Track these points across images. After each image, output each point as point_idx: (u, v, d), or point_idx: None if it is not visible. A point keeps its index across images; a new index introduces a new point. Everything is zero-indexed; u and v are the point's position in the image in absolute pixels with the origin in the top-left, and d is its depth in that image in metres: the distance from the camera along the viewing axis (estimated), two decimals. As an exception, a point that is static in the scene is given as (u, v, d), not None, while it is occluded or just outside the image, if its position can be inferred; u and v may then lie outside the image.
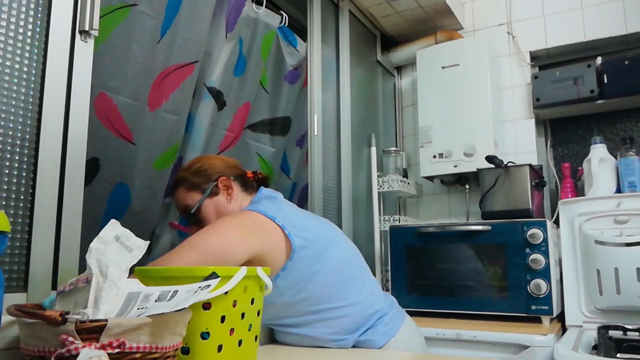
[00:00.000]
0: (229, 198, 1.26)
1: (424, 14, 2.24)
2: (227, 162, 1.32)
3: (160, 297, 0.69)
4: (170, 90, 1.63)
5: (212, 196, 1.25)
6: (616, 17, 2.06)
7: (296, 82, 2.18)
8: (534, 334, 1.51)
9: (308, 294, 1.15)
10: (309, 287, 1.15)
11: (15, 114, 0.91)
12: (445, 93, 2.14)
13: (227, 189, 1.26)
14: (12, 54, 0.91)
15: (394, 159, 2.25)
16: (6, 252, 0.87)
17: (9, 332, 0.80)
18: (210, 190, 1.25)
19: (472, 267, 1.76)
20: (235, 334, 0.88)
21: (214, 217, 1.24)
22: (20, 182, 0.91)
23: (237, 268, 0.87)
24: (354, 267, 1.27)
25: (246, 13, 1.83)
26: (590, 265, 1.69)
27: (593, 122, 2.16)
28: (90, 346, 0.61)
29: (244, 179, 1.30)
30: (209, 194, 1.25)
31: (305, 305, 1.17)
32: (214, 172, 1.27)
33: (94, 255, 0.71)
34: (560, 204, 1.82)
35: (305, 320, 1.19)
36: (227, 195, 1.26)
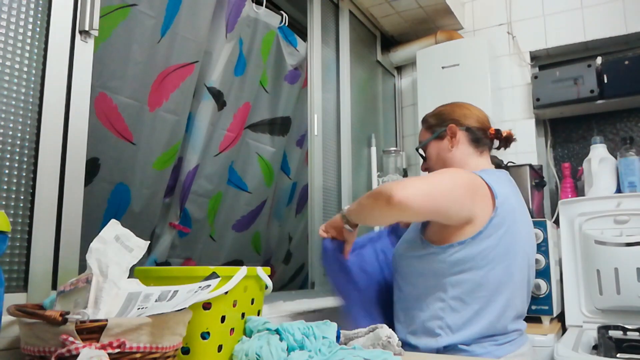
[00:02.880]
0: (451, 145, 1.27)
1: (424, 14, 2.24)
2: (471, 112, 1.30)
3: (161, 297, 0.69)
4: (170, 90, 1.63)
5: (438, 139, 1.29)
6: (616, 17, 2.06)
7: (296, 82, 2.18)
8: (534, 334, 1.51)
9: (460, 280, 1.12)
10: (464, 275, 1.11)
11: (15, 114, 0.91)
12: (445, 93, 2.13)
13: (453, 136, 1.27)
14: (12, 54, 0.91)
15: (394, 159, 2.25)
16: (6, 252, 0.87)
17: (9, 332, 0.80)
18: (438, 134, 1.29)
19: (472, 267, 1.76)
20: (235, 334, 0.88)
21: (434, 158, 1.29)
22: (20, 182, 0.91)
23: (237, 268, 0.87)
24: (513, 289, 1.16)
25: (246, 13, 1.83)
26: (590, 265, 1.69)
27: (593, 122, 2.16)
28: (90, 346, 0.61)
29: (479, 133, 1.27)
30: (435, 137, 1.29)
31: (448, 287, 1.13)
32: (449, 118, 1.29)
33: (94, 255, 0.71)
34: (560, 204, 1.82)
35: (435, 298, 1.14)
36: (450, 142, 1.27)
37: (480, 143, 1.28)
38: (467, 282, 1.12)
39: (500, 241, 1.12)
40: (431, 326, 1.14)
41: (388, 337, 1.00)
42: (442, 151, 1.28)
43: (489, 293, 1.12)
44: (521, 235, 1.18)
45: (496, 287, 1.12)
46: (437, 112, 1.34)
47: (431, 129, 1.32)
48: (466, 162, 1.25)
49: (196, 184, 1.90)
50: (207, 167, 1.91)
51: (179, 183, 1.88)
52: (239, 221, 2.14)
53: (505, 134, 1.31)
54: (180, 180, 1.87)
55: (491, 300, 1.12)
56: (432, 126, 1.32)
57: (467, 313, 1.12)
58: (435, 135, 1.29)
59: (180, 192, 1.88)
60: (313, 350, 0.84)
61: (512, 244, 1.14)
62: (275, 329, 0.87)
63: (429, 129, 1.33)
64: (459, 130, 1.26)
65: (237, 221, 2.13)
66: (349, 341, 1.06)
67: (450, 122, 1.27)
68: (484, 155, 1.29)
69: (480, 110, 1.33)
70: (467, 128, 1.27)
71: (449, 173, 1.17)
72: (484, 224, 1.10)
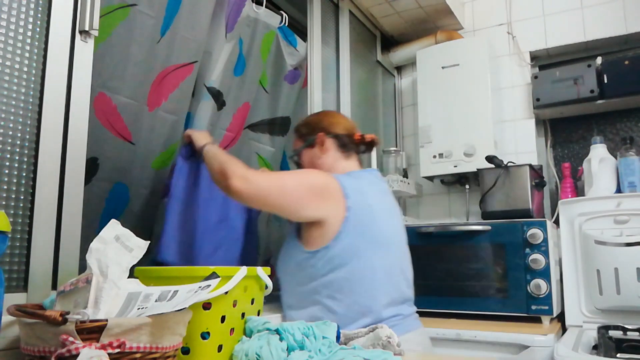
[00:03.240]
0: (320, 153, 1.37)
1: (424, 14, 2.23)
2: (337, 120, 1.42)
3: (160, 297, 0.68)
4: (169, 90, 1.63)
5: (309, 147, 1.39)
6: (616, 17, 2.06)
7: (296, 82, 2.17)
8: (534, 334, 1.51)
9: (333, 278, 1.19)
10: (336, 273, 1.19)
11: (15, 114, 0.91)
12: (445, 93, 2.14)
13: (322, 144, 1.37)
14: (12, 54, 0.91)
15: (394, 159, 2.25)
16: (6, 252, 0.87)
17: (9, 332, 0.80)
18: (308, 142, 1.39)
19: (472, 267, 1.76)
20: (235, 334, 0.88)
21: (307, 164, 1.40)
22: (20, 182, 0.91)
23: (237, 268, 0.87)
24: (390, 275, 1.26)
25: (246, 13, 1.83)
26: (590, 265, 1.69)
27: (593, 122, 2.16)
28: (90, 346, 0.61)
29: (346, 139, 1.39)
30: (307, 145, 1.40)
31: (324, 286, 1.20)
32: (318, 127, 1.40)
33: (94, 255, 0.71)
34: (560, 204, 1.82)
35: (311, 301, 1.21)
36: (320, 150, 1.37)
37: (347, 148, 1.38)
38: (336, 281, 1.19)
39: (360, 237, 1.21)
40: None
41: (388, 337, 1.00)
42: (314, 158, 1.38)
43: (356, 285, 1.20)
44: (384, 229, 1.27)
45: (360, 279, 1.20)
46: (307, 122, 1.45)
47: (303, 137, 1.42)
48: (334, 166, 1.35)
49: (196, 184, 1.89)
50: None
51: (178, 183, 1.87)
52: (239, 221, 2.14)
53: (369, 138, 1.42)
54: (180, 180, 1.87)
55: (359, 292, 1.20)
56: (303, 135, 1.42)
57: (341, 310, 1.19)
58: (306, 143, 1.39)
59: (180, 192, 1.88)
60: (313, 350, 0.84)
61: (373, 238, 1.23)
62: (275, 329, 0.87)
63: (300, 138, 1.43)
64: (327, 138, 1.37)
65: (237, 221, 2.13)
66: (349, 341, 1.06)
67: (319, 131, 1.38)
68: (351, 158, 1.39)
69: (347, 119, 1.46)
70: (335, 135, 1.38)
71: (300, 174, 1.29)
72: (340, 224, 1.19)
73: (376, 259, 1.23)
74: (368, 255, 1.22)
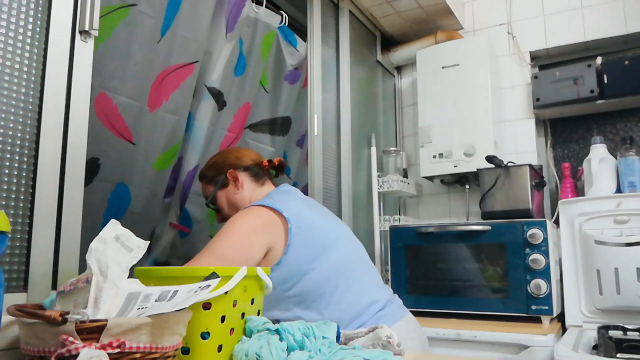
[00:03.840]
0: (236, 189, 1.36)
1: (424, 14, 2.23)
2: (242, 153, 1.42)
3: (160, 297, 0.68)
4: (170, 90, 1.63)
5: (222, 187, 1.38)
6: (616, 17, 2.06)
7: (296, 82, 2.18)
8: (534, 334, 1.51)
9: (299, 290, 1.17)
10: (301, 284, 1.16)
11: (15, 114, 0.91)
12: (445, 93, 2.14)
13: (235, 180, 1.36)
14: (12, 54, 0.91)
15: (394, 159, 2.25)
16: (6, 252, 0.87)
17: (9, 332, 0.80)
18: (221, 183, 1.37)
19: (472, 267, 1.76)
20: (235, 334, 0.88)
21: (226, 205, 1.37)
22: (20, 182, 0.91)
23: (237, 268, 0.87)
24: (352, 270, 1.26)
25: (246, 13, 1.83)
26: (590, 265, 1.69)
27: (593, 122, 2.16)
28: (90, 346, 0.61)
29: (255, 169, 1.39)
30: (219, 186, 1.37)
31: (295, 302, 1.18)
32: (225, 165, 1.38)
33: (94, 255, 0.71)
34: (560, 204, 1.82)
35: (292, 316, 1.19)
36: (235, 186, 1.36)
37: (259, 176, 1.39)
38: (300, 294, 1.16)
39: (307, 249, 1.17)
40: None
41: (388, 337, 1.00)
42: (230, 196, 1.37)
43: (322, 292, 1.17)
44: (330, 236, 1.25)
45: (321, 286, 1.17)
46: (212, 164, 1.42)
47: (212, 180, 1.39)
48: (253, 196, 1.35)
49: (196, 184, 1.90)
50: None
51: (179, 183, 1.88)
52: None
53: (277, 162, 1.43)
54: (180, 180, 1.87)
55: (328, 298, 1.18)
56: (212, 178, 1.39)
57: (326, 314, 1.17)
58: (218, 185, 1.37)
59: (180, 192, 1.88)
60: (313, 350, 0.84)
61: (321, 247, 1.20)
62: (275, 329, 0.87)
63: (210, 182, 1.40)
64: (239, 172, 1.36)
65: (237, 221, 2.13)
66: (349, 341, 1.06)
67: (228, 168, 1.37)
68: (266, 184, 1.40)
69: (250, 150, 1.46)
70: (245, 168, 1.38)
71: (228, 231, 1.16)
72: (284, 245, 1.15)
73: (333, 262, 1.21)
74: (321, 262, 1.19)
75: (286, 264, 1.15)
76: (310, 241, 1.19)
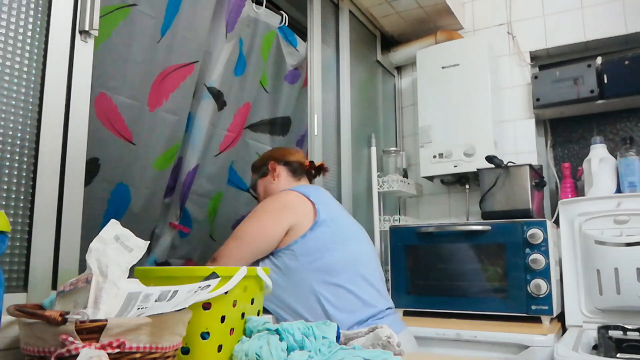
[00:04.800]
0: (272, 179, 1.47)
1: (424, 14, 2.23)
2: (289, 152, 1.53)
3: (160, 297, 0.69)
4: (170, 90, 1.63)
5: (263, 177, 1.50)
6: (616, 17, 2.06)
7: (296, 82, 2.18)
8: (534, 334, 1.51)
9: (321, 264, 1.23)
10: (324, 260, 1.23)
11: (15, 114, 0.91)
12: (445, 93, 2.14)
13: (273, 171, 1.47)
14: (12, 54, 0.91)
15: (394, 159, 2.25)
16: (6, 252, 0.87)
17: (9, 332, 0.80)
18: (261, 172, 1.50)
19: (472, 267, 1.76)
20: (235, 333, 0.88)
21: (263, 193, 1.49)
22: (20, 182, 0.91)
23: (237, 268, 0.87)
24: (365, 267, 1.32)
25: (246, 13, 1.83)
26: (590, 265, 1.69)
27: (593, 122, 2.15)
28: (90, 346, 0.61)
29: (295, 165, 1.49)
30: (260, 175, 1.50)
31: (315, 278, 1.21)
32: (271, 158, 1.50)
33: (94, 255, 0.71)
34: (560, 204, 1.82)
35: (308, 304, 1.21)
36: (272, 176, 1.47)
37: (298, 173, 1.49)
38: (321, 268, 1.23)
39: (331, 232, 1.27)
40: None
41: (388, 337, 1.00)
42: (267, 185, 1.48)
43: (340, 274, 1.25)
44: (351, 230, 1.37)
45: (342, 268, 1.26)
46: (262, 156, 1.57)
47: (257, 170, 1.53)
48: (286, 187, 1.42)
49: (196, 184, 1.90)
50: (207, 167, 1.90)
51: (179, 183, 1.88)
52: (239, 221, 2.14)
53: (318, 164, 1.54)
54: (180, 180, 1.87)
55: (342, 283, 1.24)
56: (257, 168, 1.53)
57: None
58: (260, 174, 1.50)
59: (181, 192, 1.88)
60: (313, 350, 0.84)
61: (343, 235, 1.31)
62: (275, 329, 0.87)
63: (255, 171, 1.54)
64: (278, 165, 1.47)
65: (237, 221, 2.13)
66: (349, 341, 1.06)
67: (271, 160, 1.49)
68: (302, 180, 1.50)
69: (300, 152, 1.57)
70: (285, 162, 1.49)
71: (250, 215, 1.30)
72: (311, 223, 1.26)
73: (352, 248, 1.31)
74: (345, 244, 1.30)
75: (312, 238, 1.24)
76: (334, 227, 1.29)
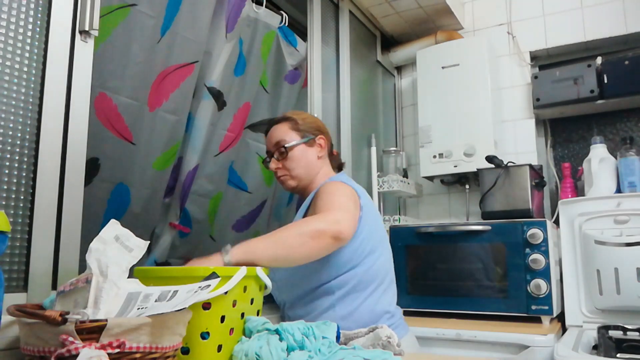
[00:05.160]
0: (319, 155, 1.38)
1: (424, 14, 2.23)
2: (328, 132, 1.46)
3: (160, 297, 0.69)
4: (170, 90, 1.63)
5: (308, 144, 1.37)
6: (616, 17, 2.06)
7: (296, 82, 2.18)
8: (534, 334, 1.51)
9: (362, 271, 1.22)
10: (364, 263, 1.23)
11: (15, 114, 0.91)
12: (445, 93, 2.14)
13: (321, 147, 1.39)
14: (12, 54, 0.91)
15: (394, 159, 2.25)
16: (6, 252, 0.87)
17: (9, 332, 0.80)
18: (309, 139, 1.37)
19: (472, 267, 1.76)
20: (235, 333, 0.88)
21: (300, 161, 1.35)
22: (20, 182, 0.91)
23: (237, 268, 0.87)
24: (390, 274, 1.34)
25: (246, 13, 1.83)
26: (590, 265, 1.69)
27: (593, 122, 2.15)
28: (90, 346, 0.61)
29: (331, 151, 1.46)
30: (307, 141, 1.37)
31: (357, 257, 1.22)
32: (321, 129, 1.41)
33: (94, 255, 0.71)
34: (560, 204, 1.82)
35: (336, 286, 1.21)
36: (320, 151, 1.39)
37: (331, 158, 1.44)
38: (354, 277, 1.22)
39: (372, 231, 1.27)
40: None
41: (388, 337, 1.00)
42: (310, 157, 1.36)
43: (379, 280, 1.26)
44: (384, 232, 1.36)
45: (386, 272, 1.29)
46: (309, 120, 1.41)
47: (301, 132, 1.37)
48: (325, 171, 1.39)
49: (196, 184, 1.90)
50: (207, 167, 1.90)
51: (179, 183, 1.88)
52: (239, 221, 2.14)
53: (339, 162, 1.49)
54: (180, 180, 1.87)
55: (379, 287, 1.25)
56: (302, 130, 1.37)
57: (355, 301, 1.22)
58: (306, 139, 1.36)
59: (180, 192, 1.88)
60: (313, 351, 0.84)
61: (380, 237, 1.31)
62: (275, 329, 0.87)
63: (298, 131, 1.37)
64: (328, 143, 1.41)
65: (237, 221, 2.13)
66: (348, 341, 1.06)
67: (321, 133, 1.40)
68: (329, 165, 1.43)
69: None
70: (330, 143, 1.44)
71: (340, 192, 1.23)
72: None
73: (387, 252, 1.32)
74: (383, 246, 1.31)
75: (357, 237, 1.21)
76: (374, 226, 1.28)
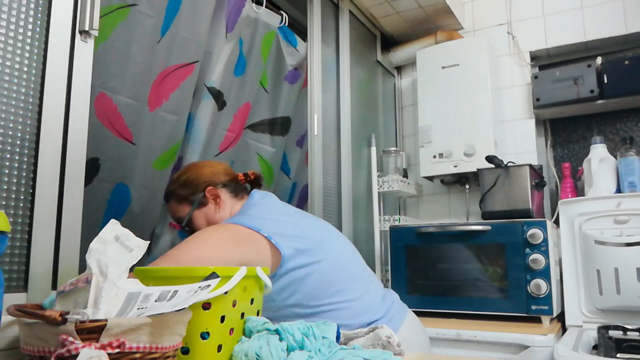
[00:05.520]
0: (217, 207, 1.26)
1: (424, 14, 2.23)
2: (216, 168, 1.31)
3: (160, 297, 0.69)
4: (170, 90, 1.63)
5: (200, 207, 1.26)
6: (616, 17, 2.06)
7: (296, 82, 2.18)
8: (534, 334, 1.51)
9: (298, 298, 1.13)
10: (299, 291, 1.12)
11: (15, 114, 0.91)
12: (445, 93, 2.14)
13: (215, 198, 1.26)
14: (12, 54, 0.91)
15: (394, 159, 2.25)
16: (6, 252, 0.87)
17: (9, 332, 0.80)
18: (198, 202, 1.25)
19: (472, 267, 1.77)
20: (235, 333, 0.88)
21: (202, 224, 1.26)
22: (20, 182, 0.91)
23: (237, 268, 0.87)
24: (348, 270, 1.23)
25: (246, 13, 1.83)
26: (590, 265, 1.69)
27: (593, 122, 2.16)
28: (90, 346, 0.61)
29: (233, 184, 1.30)
30: (197, 206, 1.26)
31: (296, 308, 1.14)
32: (201, 182, 1.27)
33: (94, 255, 0.71)
34: (560, 204, 1.82)
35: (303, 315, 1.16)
36: (216, 204, 1.26)
37: (237, 191, 1.29)
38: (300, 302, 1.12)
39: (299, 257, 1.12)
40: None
41: (388, 337, 1.00)
42: (210, 216, 1.25)
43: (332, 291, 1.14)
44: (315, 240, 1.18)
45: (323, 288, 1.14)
46: (184, 182, 1.29)
47: (187, 199, 1.27)
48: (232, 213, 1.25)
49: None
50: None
51: (179, 183, 1.87)
52: (239, 221, 2.14)
53: (252, 175, 1.33)
54: (180, 180, 1.87)
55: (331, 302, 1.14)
56: (186, 197, 1.27)
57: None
58: (195, 204, 1.25)
59: (180, 192, 1.88)
60: (313, 351, 0.84)
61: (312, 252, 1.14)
62: (275, 329, 0.87)
63: (184, 201, 1.27)
64: (218, 190, 1.26)
65: (237, 221, 2.13)
66: (348, 341, 1.06)
67: (206, 186, 1.26)
68: (244, 199, 1.29)
69: (220, 163, 1.35)
70: (223, 184, 1.27)
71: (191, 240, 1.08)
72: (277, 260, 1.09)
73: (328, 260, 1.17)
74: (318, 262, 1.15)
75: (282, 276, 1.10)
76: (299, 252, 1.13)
